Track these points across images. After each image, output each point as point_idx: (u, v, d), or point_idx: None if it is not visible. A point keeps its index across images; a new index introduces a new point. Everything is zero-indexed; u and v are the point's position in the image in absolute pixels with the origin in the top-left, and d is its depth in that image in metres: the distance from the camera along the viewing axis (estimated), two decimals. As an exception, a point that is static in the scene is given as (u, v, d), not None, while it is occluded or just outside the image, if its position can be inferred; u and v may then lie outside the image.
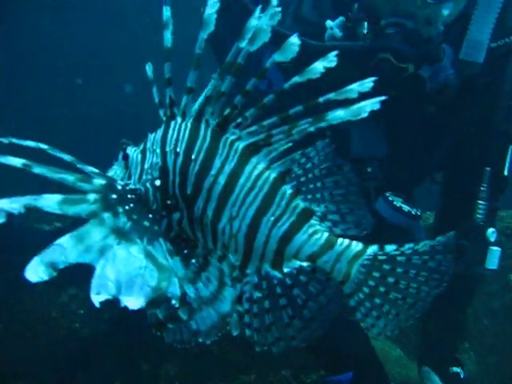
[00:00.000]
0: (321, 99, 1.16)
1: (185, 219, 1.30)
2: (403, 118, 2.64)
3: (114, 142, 1.41)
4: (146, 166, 1.29)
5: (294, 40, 1.12)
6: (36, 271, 0.95)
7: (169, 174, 1.26)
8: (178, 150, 1.24)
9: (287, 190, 1.27)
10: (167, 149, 1.26)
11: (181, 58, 1.41)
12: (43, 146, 1.16)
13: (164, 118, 1.30)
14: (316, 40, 2.38)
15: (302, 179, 1.27)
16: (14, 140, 1.12)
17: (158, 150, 1.27)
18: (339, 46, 2.36)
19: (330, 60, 1.09)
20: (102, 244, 1.04)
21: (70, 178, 1.11)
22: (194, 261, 1.29)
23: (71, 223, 3.58)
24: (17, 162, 1.06)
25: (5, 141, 1.10)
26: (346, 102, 1.12)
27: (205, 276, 1.28)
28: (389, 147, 2.70)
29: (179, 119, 1.28)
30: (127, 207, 1.16)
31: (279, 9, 1.11)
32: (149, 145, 1.30)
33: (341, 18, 2.47)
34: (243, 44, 1.17)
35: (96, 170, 1.20)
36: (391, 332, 1.35)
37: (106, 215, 1.10)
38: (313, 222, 1.28)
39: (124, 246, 1.07)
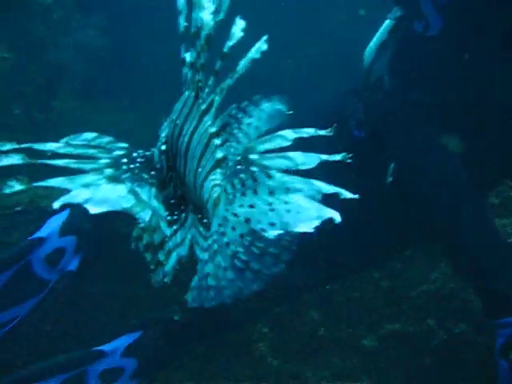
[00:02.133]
0: None
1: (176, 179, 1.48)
2: None
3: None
4: (162, 135, 1.52)
5: None
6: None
7: (169, 140, 1.45)
8: (174, 117, 1.44)
9: (216, 141, 1.36)
10: (173, 117, 1.47)
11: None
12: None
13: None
14: None
15: (235, 131, 1.37)
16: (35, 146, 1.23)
17: (168, 120, 1.50)
18: None
19: None
20: (89, 182, 1.16)
21: (91, 150, 1.31)
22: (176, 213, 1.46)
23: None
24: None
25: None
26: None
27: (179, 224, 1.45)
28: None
29: (187, 92, 1.44)
30: (132, 165, 1.35)
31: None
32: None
33: None
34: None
35: (125, 145, 1.43)
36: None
37: (108, 170, 1.25)
38: (217, 170, 1.33)
39: (112, 184, 1.20)
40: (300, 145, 1.23)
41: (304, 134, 1.19)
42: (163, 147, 1.46)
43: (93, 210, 1.08)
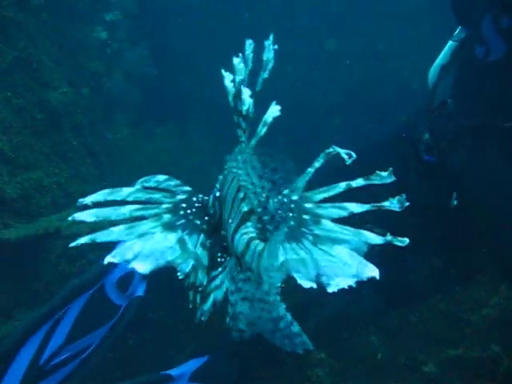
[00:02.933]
0: None
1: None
2: None
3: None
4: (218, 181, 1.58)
5: None
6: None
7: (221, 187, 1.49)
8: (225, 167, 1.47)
9: (240, 195, 1.40)
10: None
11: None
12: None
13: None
14: None
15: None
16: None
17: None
18: None
19: None
20: (145, 231, 1.27)
21: (157, 195, 1.41)
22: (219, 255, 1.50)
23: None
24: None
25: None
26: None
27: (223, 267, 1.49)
28: None
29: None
30: (189, 211, 1.43)
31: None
32: None
33: None
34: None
35: (188, 188, 1.52)
36: None
37: (166, 216, 1.35)
38: (248, 223, 1.34)
39: (164, 233, 1.29)
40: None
41: (359, 184, 1.24)
42: (217, 193, 1.51)
43: (140, 267, 1.18)
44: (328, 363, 3.26)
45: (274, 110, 1.30)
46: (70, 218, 1.26)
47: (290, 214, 1.27)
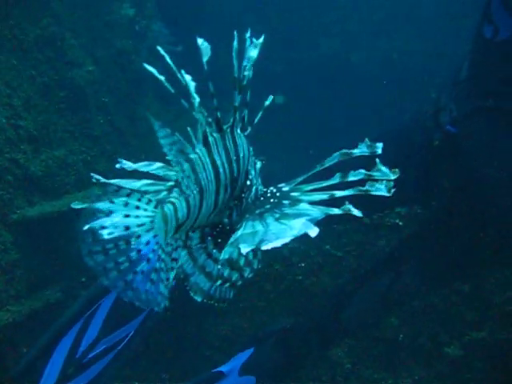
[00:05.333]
0: None
1: None
2: None
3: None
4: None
5: None
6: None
7: None
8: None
9: None
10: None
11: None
12: None
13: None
14: None
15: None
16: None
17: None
18: None
19: None
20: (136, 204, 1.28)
21: (171, 172, 1.41)
22: None
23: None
24: None
25: None
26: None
27: None
28: None
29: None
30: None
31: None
32: None
33: None
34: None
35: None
36: None
37: (163, 193, 1.37)
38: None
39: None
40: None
41: (357, 177, 1.22)
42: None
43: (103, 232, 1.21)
44: (347, 343, 3.20)
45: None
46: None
47: (271, 200, 1.36)
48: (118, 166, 1.36)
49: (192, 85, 1.33)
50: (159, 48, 1.37)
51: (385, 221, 3.30)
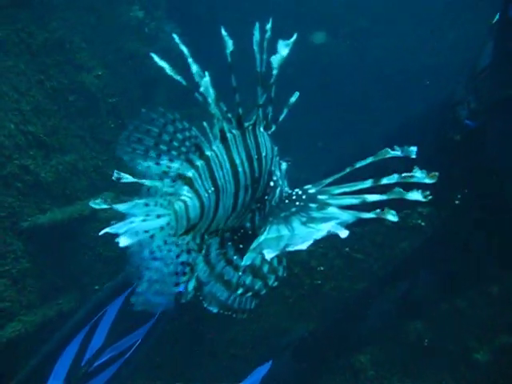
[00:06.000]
0: None
1: None
2: None
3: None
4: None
5: None
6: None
7: None
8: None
9: None
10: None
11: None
12: None
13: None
14: None
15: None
16: None
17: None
18: None
19: None
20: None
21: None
22: None
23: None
24: None
25: None
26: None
27: None
28: None
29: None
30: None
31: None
32: None
33: None
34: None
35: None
36: None
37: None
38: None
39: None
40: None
41: (392, 181, 1.15)
42: None
43: (122, 242, 1.12)
44: (370, 349, 3.07)
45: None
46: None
47: (296, 203, 1.28)
48: (114, 177, 1.25)
49: (207, 78, 1.24)
50: (174, 36, 1.28)
51: (407, 222, 3.16)
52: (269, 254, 1.09)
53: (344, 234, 1.06)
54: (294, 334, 3.08)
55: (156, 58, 1.29)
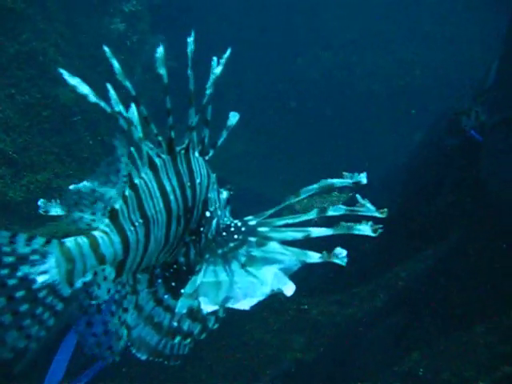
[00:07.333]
0: None
1: None
2: None
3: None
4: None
5: None
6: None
7: None
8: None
9: None
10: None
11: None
12: None
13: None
14: None
15: None
16: None
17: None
18: None
19: None
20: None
21: None
22: None
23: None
24: None
25: None
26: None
27: None
28: None
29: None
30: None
31: None
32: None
33: None
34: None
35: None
36: None
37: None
38: None
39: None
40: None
41: (338, 212, 1.08)
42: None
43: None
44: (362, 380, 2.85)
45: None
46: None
47: (235, 236, 1.19)
48: (41, 209, 1.20)
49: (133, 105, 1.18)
50: (105, 48, 1.15)
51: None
52: (206, 307, 1.00)
53: (290, 291, 0.99)
54: (280, 365, 2.87)
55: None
